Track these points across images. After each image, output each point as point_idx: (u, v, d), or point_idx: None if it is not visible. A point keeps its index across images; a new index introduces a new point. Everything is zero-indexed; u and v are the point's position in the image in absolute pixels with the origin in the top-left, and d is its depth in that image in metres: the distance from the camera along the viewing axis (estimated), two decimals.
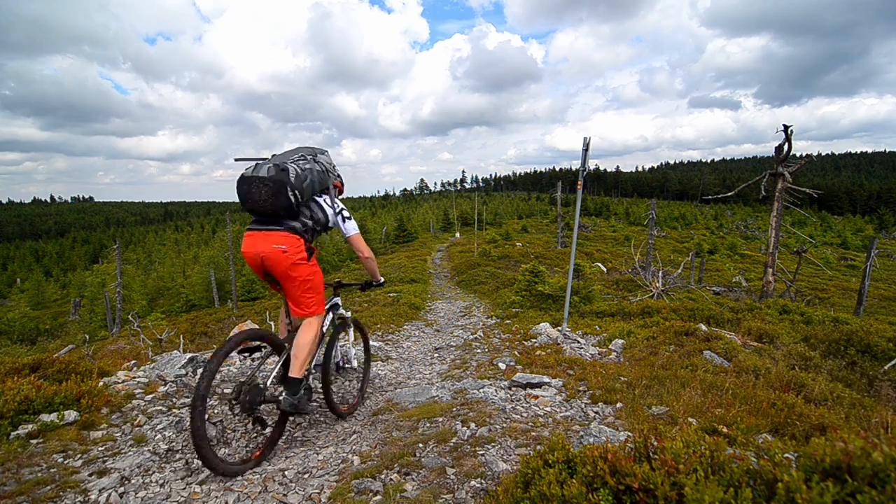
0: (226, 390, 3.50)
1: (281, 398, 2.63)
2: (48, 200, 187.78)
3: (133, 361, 5.33)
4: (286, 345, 2.76)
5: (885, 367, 4.65)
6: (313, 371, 3.25)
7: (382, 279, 3.52)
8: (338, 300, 3.40)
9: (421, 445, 2.49)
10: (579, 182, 6.19)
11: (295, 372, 2.63)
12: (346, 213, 2.99)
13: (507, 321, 7.76)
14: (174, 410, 3.05)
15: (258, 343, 3.07)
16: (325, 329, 3.10)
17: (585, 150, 5.83)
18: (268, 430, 2.77)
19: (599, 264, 19.40)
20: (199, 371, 3.65)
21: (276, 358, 2.73)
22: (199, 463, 2.38)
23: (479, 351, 5.63)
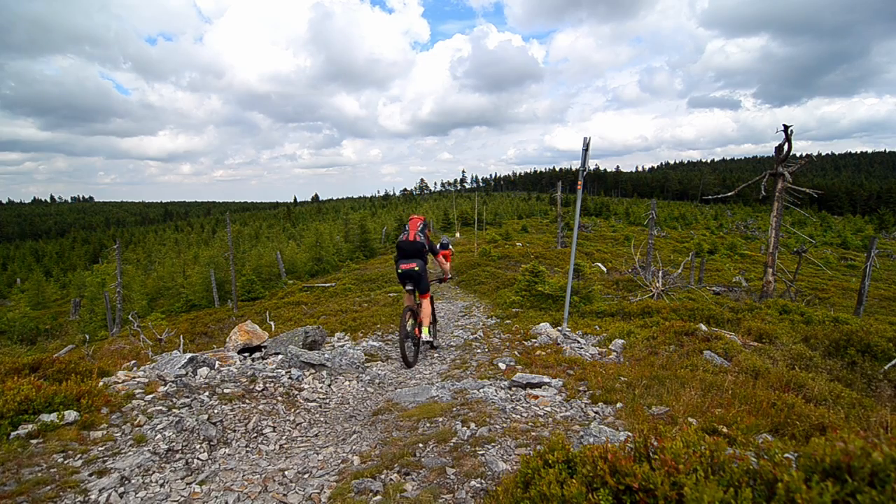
0: (226, 390, 3.51)
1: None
2: (48, 200, 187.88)
3: (133, 361, 5.33)
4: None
5: (885, 367, 4.65)
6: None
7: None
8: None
9: (421, 445, 2.49)
10: (579, 182, 6.19)
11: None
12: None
13: (507, 321, 7.76)
14: (174, 410, 3.05)
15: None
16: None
17: (585, 149, 5.83)
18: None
19: (599, 264, 19.38)
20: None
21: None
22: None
23: (479, 351, 5.63)
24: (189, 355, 4.21)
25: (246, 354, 5.52)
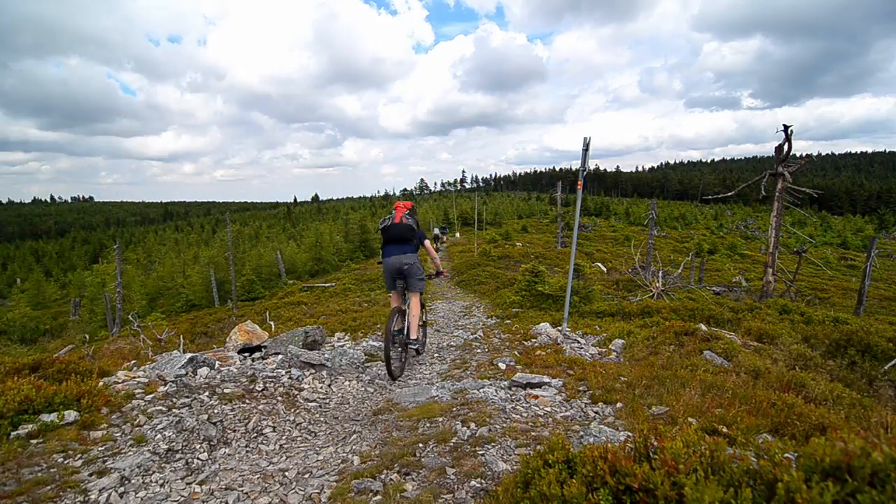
0: (226, 390, 3.51)
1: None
2: (48, 200, 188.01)
3: (133, 361, 5.33)
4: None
5: (885, 368, 4.65)
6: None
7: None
8: None
9: (421, 445, 2.49)
10: (579, 182, 6.19)
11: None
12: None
13: (507, 321, 7.75)
14: (174, 410, 3.04)
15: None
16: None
17: (585, 149, 5.83)
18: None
19: (599, 264, 19.37)
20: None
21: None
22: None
23: (479, 351, 5.63)
24: (189, 355, 4.21)
25: (246, 354, 5.52)
